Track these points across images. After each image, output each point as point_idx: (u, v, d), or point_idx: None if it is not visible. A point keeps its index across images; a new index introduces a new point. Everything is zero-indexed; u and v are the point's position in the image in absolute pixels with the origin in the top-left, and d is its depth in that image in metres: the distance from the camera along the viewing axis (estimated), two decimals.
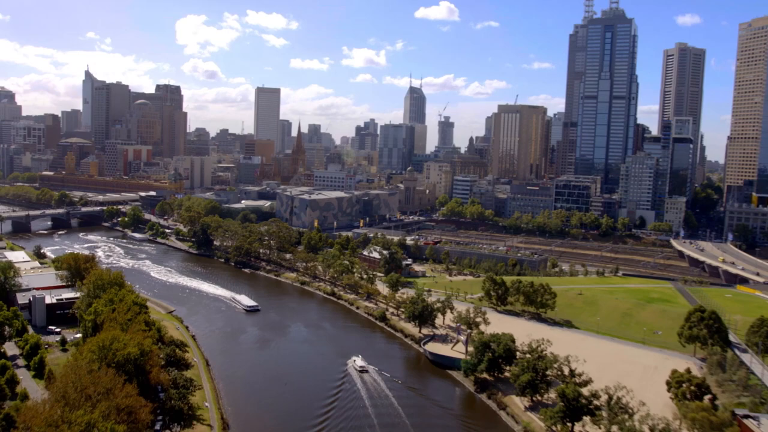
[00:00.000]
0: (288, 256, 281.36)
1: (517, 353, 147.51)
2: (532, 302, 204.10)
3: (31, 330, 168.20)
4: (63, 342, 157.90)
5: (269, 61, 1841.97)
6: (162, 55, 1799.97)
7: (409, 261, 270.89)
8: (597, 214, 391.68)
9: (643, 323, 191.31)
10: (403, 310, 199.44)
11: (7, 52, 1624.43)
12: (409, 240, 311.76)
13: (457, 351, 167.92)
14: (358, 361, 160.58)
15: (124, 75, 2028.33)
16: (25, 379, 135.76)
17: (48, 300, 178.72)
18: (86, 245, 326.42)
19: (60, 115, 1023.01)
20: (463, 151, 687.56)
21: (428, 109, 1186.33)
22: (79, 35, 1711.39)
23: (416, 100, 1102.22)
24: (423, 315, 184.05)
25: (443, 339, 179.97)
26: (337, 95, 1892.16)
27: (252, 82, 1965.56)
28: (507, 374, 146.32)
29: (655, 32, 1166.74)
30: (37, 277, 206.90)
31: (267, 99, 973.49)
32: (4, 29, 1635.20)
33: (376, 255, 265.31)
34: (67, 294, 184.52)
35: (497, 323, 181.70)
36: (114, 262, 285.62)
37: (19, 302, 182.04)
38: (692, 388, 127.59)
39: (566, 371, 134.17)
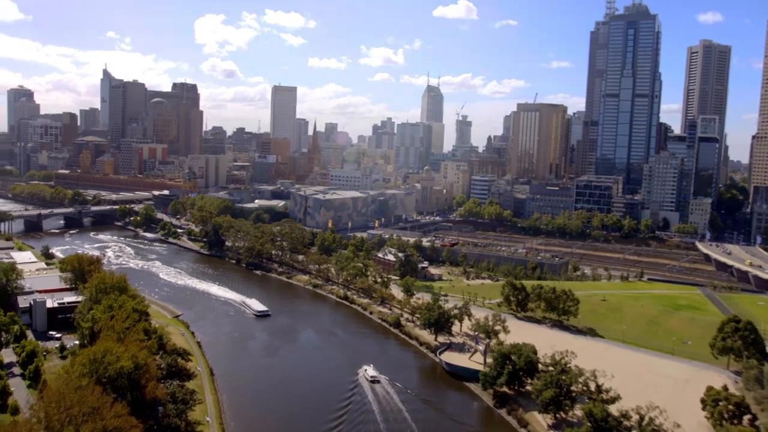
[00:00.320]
0: (300, 257, 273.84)
1: (540, 365, 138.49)
2: (553, 309, 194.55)
3: (30, 336, 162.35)
4: (62, 349, 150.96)
5: (287, 60, 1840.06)
6: (181, 55, 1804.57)
7: (426, 264, 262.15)
8: (619, 216, 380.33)
9: (671, 332, 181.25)
10: (418, 316, 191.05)
11: (29, 52, 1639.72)
12: (425, 241, 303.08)
13: (474, 361, 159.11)
14: (370, 371, 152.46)
15: (143, 74, 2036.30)
16: (19, 389, 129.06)
17: (49, 304, 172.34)
18: (96, 245, 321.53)
19: (78, 113, 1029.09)
20: (481, 150, 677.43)
21: (446, 108, 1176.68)
22: (100, 35, 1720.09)
23: (434, 98, 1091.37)
24: (439, 322, 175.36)
25: (460, 348, 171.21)
26: (355, 94, 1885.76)
27: (270, 81, 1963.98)
28: (528, 388, 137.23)
29: (675, 30, 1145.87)
30: (40, 279, 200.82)
31: (283, 97, 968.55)
32: (27, 29, 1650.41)
33: (391, 257, 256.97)
34: (70, 297, 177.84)
35: (517, 331, 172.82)
36: (123, 262, 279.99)
37: (20, 306, 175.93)
38: (730, 407, 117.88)
39: (592, 387, 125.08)
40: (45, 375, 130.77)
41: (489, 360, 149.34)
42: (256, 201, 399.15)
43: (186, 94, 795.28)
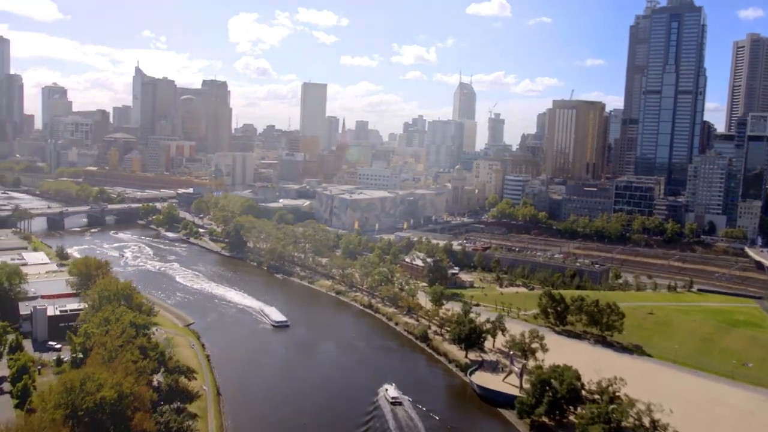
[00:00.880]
0: (324, 260, 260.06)
1: (584, 393, 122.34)
2: (596, 323, 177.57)
3: (28, 346, 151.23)
4: (59, 362, 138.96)
5: (319, 58, 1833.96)
6: (215, 53, 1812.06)
7: (456, 270, 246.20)
8: (661, 219, 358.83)
9: (729, 352, 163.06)
10: (447, 329, 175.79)
11: (68, 51, 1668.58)
12: (455, 245, 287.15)
13: (509, 384, 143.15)
14: (391, 391, 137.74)
15: (177, 72, 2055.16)
16: (5, 408, 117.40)
17: (50, 311, 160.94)
18: (116, 244, 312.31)
19: (112, 111, 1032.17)
20: (514, 149, 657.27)
21: (478, 106, 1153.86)
22: (136, 34, 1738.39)
23: (466, 96, 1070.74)
24: (470, 338, 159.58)
25: (493, 367, 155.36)
26: (387, 92, 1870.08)
27: (302, 79, 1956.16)
28: (572, 419, 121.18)
29: (715, 27, 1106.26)
30: (45, 284, 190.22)
31: (314, 94, 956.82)
32: (66, 29, 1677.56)
33: (419, 262, 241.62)
34: (73, 304, 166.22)
35: (556, 348, 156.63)
36: (141, 264, 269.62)
37: (21, 312, 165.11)
38: None
39: (646, 422, 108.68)
40: (34, 394, 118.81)
41: (526, 383, 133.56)
42: (281, 200, 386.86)
43: (215, 91, 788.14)
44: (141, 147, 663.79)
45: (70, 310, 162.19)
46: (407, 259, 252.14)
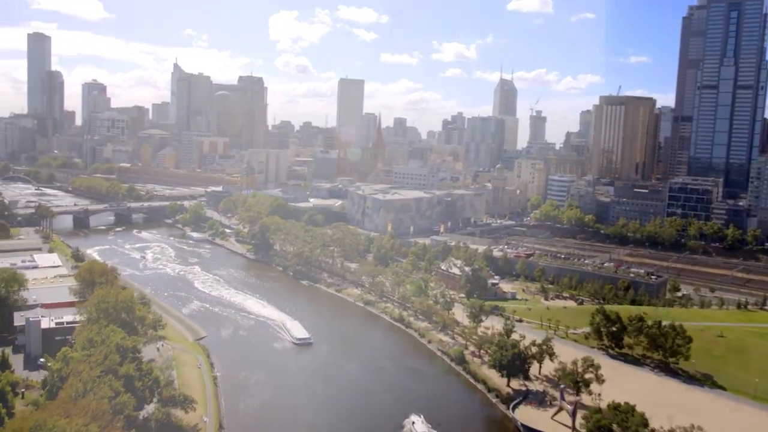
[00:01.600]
0: (354, 266, 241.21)
1: None
2: (658, 347, 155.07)
3: (20, 362, 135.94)
4: (45, 384, 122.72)
5: (359, 56, 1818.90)
6: (255, 51, 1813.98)
7: (496, 279, 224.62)
8: (720, 224, 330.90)
9: None
10: (486, 351, 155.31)
11: (114, 49, 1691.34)
12: (496, 251, 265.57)
13: (559, 422, 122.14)
14: (419, 425, 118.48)
15: (219, 70, 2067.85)
16: None
17: (45, 324, 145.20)
18: (138, 245, 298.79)
19: (151, 107, 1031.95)
20: (557, 147, 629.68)
21: (519, 104, 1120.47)
22: (178, 32, 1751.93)
23: (506, 93, 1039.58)
24: (513, 365, 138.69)
25: (540, 399, 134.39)
26: (427, 90, 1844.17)
27: (342, 77, 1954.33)
28: None
29: None
30: (47, 291, 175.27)
31: (350, 90, 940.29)
32: (111, 27, 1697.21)
33: (456, 271, 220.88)
34: (70, 316, 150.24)
35: (612, 376, 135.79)
36: (160, 267, 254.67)
37: (16, 323, 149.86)
38: None
39: None
40: (7, 424, 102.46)
41: (580, 425, 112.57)
42: (312, 200, 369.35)
43: (251, 87, 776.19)
44: (175, 143, 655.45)
45: (67, 323, 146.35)
46: (443, 267, 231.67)
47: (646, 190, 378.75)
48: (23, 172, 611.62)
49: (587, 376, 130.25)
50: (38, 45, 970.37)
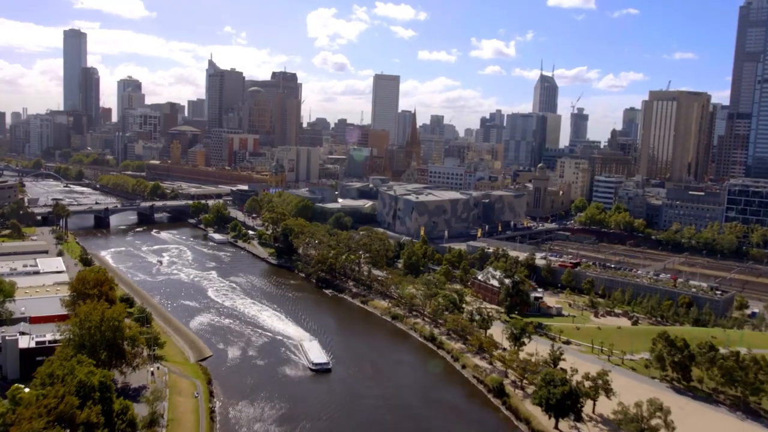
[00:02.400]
0: (382, 274, 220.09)
1: None
2: (734, 381, 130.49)
3: None
4: None
5: (397, 53, 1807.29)
6: (294, 48, 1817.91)
7: (540, 293, 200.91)
8: None
9: None
10: (530, 381, 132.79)
11: (154, 48, 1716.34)
12: (538, 258, 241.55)
13: None
14: None
15: (258, 68, 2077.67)
16: None
17: (23, 343, 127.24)
18: (155, 247, 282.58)
19: (186, 104, 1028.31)
20: (602, 146, 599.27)
21: (559, 102, 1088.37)
22: (217, 30, 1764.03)
23: (547, 89, 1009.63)
24: (563, 404, 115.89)
25: None
26: (465, 88, 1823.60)
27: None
28: None
29: None
30: (38, 303, 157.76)
31: (385, 87, 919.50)
32: (152, 26, 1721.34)
33: (495, 283, 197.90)
34: (53, 334, 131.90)
35: (681, 417, 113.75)
36: (174, 272, 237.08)
37: None
38: None
39: None
40: None
41: None
42: (340, 200, 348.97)
43: (284, 83, 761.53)
44: (205, 140, 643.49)
45: (49, 342, 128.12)
46: (480, 277, 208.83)
47: (702, 193, 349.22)
48: (54, 169, 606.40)
49: (654, 422, 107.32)
50: (74, 42, 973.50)
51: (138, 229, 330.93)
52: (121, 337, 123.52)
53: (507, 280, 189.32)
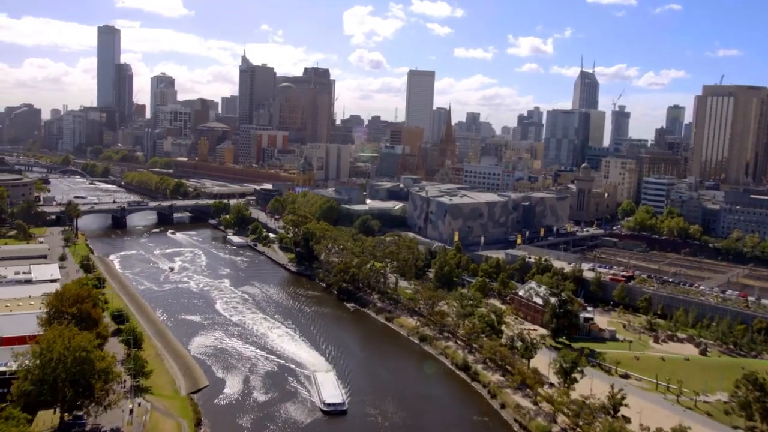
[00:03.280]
0: (411, 285, 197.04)
1: None
2: None
3: None
4: None
5: (433, 50, 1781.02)
6: (330, 46, 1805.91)
7: (590, 312, 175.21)
8: None
9: None
10: (583, 427, 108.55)
11: (193, 46, 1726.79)
12: (586, 269, 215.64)
13: None
14: None
15: (294, 66, 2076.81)
16: None
17: None
18: (169, 250, 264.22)
19: (221, 101, 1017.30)
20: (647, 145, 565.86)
21: (599, 99, 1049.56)
22: (254, 28, 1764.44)
23: (587, 86, 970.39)
24: None
25: None
26: (501, 85, 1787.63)
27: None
28: None
29: None
30: (15, 320, 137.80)
31: (420, 83, 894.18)
32: (191, 25, 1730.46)
33: (538, 301, 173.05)
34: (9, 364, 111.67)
35: None
36: (184, 279, 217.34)
37: None
38: None
39: None
40: None
41: None
42: (368, 201, 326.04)
43: (316, 79, 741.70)
44: (234, 137, 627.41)
45: (10, 373, 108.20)
46: (522, 293, 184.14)
47: (766, 197, 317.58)
48: (81, 166, 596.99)
49: None
50: (108, 39, 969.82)
51: (155, 230, 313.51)
52: (91, 371, 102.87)
53: (553, 299, 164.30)
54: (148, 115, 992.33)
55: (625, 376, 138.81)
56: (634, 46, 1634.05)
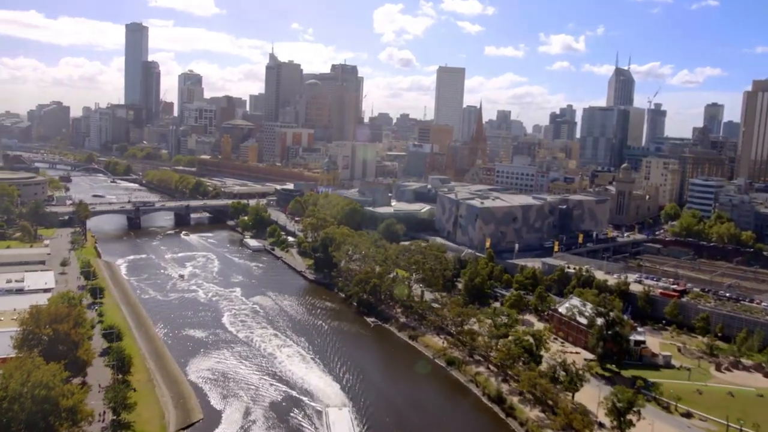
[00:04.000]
0: (438, 298, 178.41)
1: None
2: None
3: None
4: None
5: (463, 48, 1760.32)
6: (360, 44, 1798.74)
7: (641, 333, 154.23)
8: None
9: None
10: None
11: (224, 44, 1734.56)
12: (632, 281, 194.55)
13: None
14: None
15: (324, 64, 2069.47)
16: None
17: None
18: (180, 254, 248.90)
19: (248, 98, 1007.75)
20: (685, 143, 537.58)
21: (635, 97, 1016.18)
22: (285, 27, 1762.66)
23: (623, 83, 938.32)
24: None
25: None
26: (532, 84, 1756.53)
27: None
28: None
29: None
30: None
31: (450, 80, 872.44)
32: (222, 23, 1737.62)
33: (582, 320, 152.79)
34: None
35: None
36: (191, 288, 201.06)
37: None
38: None
39: None
40: None
41: None
42: (394, 203, 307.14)
43: (343, 76, 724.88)
44: (259, 135, 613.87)
45: None
46: (562, 310, 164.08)
47: None
48: (103, 164, 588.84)
49: None
50: (135, 36, 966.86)
51: (169, 232, 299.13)
52: (55, 411, 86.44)
53: (599, 319, 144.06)
54: (175, 113, 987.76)
55: (687, 415, 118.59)
56: (669, 44, 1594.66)
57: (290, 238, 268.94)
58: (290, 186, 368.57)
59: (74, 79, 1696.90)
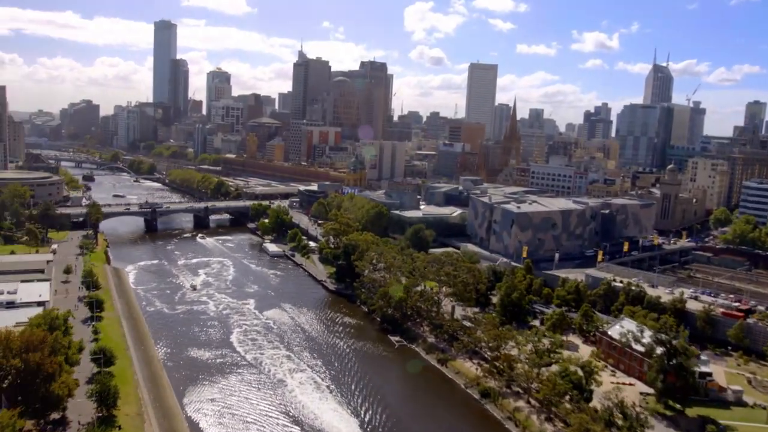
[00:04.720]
0: (470, 314, 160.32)
1: None
2: None
3: None
4: None
5: (495, 46, 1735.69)
6: (391, 43, 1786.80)
7: (705, 363, 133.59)
8: None
9: None
10: None
11: (256, 43, 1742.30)
12: (688, 297, 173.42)
13: None
14: None
15: (354, 62, 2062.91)
16: None
17: None
18: (194, 260, 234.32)
19: (277, 96, 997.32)
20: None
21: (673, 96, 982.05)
22: (316, 25, 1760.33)
23: (660, 81, 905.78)
24: None
25: None
26: (564, 82, 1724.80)
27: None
28: None
29: None
30: None
31: (482, 77, 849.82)
32: (254, 22, 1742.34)
33: (638, 348, 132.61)
34: None
35: None
36: (201, 299, 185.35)
37: None
38: None
39: None
40: None
41: None
42: (423, 206, 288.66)
43: (372, 73, 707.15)
44: (285, 133, 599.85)
45: None
46: (612, 333, 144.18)
47: None
48: (128, 163, 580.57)
49: None
50: (164, 34, 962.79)
51: (186, 235, 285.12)
52: None
53: (659, 348, 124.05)
54: (204, 111, 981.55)
55: None
56: (705, 41, 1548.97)
57: (312, 243, 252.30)
58: (314, 187, 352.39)
59: (109, 79, 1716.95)
